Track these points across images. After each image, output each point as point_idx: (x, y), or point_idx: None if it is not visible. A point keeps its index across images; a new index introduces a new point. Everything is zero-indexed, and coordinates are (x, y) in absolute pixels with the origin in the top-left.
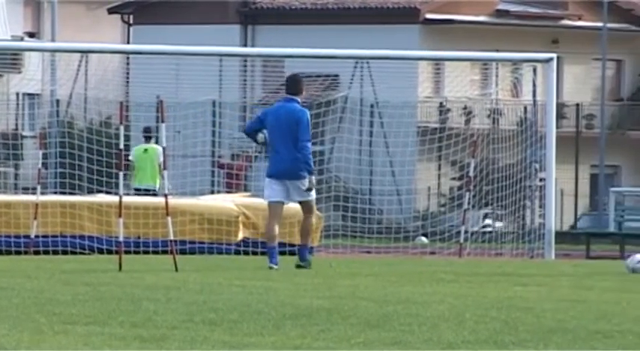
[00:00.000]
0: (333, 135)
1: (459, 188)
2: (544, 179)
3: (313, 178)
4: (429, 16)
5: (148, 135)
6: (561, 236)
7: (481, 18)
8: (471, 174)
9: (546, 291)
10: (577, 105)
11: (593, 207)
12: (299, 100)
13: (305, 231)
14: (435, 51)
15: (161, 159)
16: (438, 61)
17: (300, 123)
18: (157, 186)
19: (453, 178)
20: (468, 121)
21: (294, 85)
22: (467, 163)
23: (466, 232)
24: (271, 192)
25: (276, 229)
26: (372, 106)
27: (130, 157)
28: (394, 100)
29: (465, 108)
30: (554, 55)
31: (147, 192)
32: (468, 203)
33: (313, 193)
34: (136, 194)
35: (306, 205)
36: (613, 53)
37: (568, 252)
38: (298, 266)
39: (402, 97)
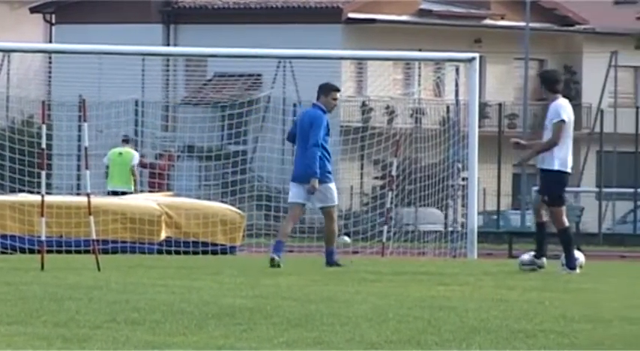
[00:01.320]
0: (255, 134)
1: (382, 187)
2: (466, 178)
3: (315, 181)
4: (351, 15)
5: (127, 138)
6: (484, 235)
7: (404, 17)
8: (394, 173)
9: (469, 290)
10: (499, 104)
11: (516, 206)
12: (321, 105)
13: (326, 237)
14: (358, 50)
15: (134, 162)
16: (360, 61)
17: (311, 126)
18: (131, 188)
19: (376, 178)
20: (390, 121)
21: (318, 90)
22: (389, 163)
23: (389, 231)
24: (291, 194)
25: (289, 228)
26: (294, 105)
27: (105, 160)
28: None
29: (388, 107)
30: (477, 55)
31: (123, 193)
32: (391, 202)
33: (334, 199)
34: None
35: (322, 211)
36: (535, 53)
37: (491, 251)
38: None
39: None
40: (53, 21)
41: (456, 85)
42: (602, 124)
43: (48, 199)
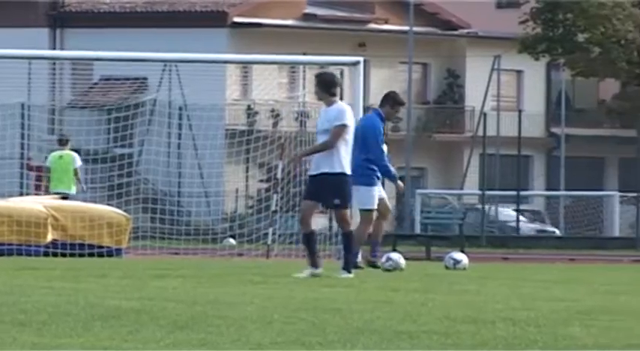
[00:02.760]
0: (141, 137)
1: (267, 190)
2: None
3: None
4: (237, 19)
5: (65, 138)
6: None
7: (289, 21)
8: (279, 176)
9: (354, 292)
10: None
11: (400, 209)
12: (382, 113)
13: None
14: (243, 54)
15: (77, 165)
16: (245, 65)
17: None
18: (73, 191)
19: (261, 181)
20: (275, 124)
21: (386, 99)
22: (275, 166)
23: (274, 233)
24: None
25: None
26: (180, 108)
27: (47, 163)
28: (202, 103)
29: (273, 111)
30: (361, 59)
31: (64, 197)
32: (276, 205)
33: (352, 203)
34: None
35: (360, 212)
36: (419, 57)
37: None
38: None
39: (210, 100)
40: None
41: (341, 88)
42: (485, 128)
43: None
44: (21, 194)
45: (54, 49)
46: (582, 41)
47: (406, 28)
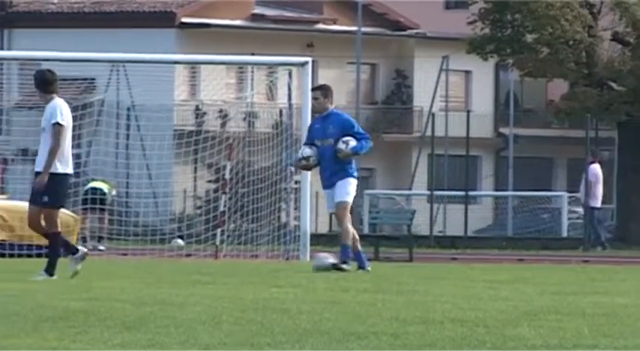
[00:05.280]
0: (89, 138)
1: (215, 191)
2: (299, 182)
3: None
4: (185, 20)
5: None
6: (316, 238)
7: (237, 22)
8: (227, 177)
9: (302, 292)
10: None
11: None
12: None
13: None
14: (191, 54)
15: None
16: (194, 65)
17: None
18: None
19: (209, 181)
20: (223, 124)
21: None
22: (223, 166)
23: (222, 234)
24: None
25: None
26: (128, 109)
27: None
28: (150, 104)
29: (221, 111)
30: (310, 59)
31: None
32: (224, 205)
33: (346, 199)
34: None
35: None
36: (367, 57)
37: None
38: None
39: (158, 101)
40: None
41: (289, 89)
42: (434, 128)
43: None
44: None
45: (1, 49)
46: (531, 42)
47: (354, 28)
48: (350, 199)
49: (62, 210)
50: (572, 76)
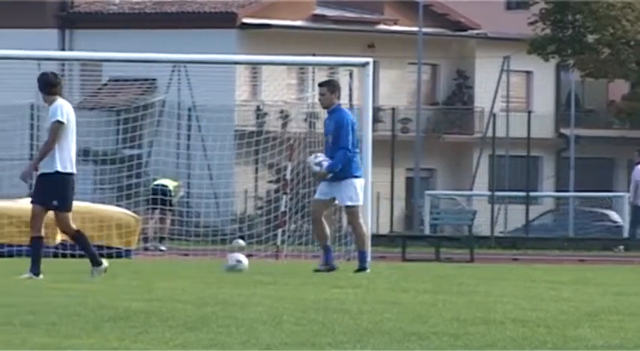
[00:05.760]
0: (150, 139)
1: (276, 191)
2: None
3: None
4: (246, 20)
5: None
6: (377, 239)
7: (298, 22)
8: (288, 177)
9: (363, 293)
10: (393, 109)
11: (409, 210)
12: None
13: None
14: (252, 55)
15: None
16: (255, 66)
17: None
18: None
19: (270, 182)
20: (284, 125)
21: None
22: (284, 167)
23: (283, 234)
24: None
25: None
26: (189, 109)
27: None
28: (212, 104)
29: (282, 112)
30: (370, 60)
31: None
32: (285, 206)
33: (350, 203)
34: None
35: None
36: (428, 58)
37: (384, 254)
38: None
39: (219, 101)
40: None
41: (350, 89)
42: (495, 128)
43: None
44: (30, 195)
45: (63, 50)
46: (592, 42)
47: (416, 28)
48: (356, 202)
49: (123, 210)
50: (633, 76)
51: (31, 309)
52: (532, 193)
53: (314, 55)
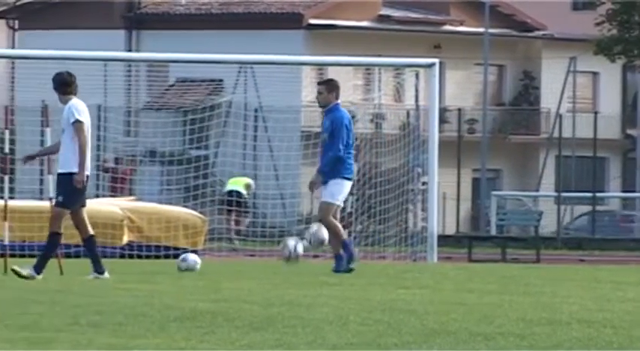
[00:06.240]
0: (217, 139)
1: None
2: (426, 183)
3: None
4: (312, 21)
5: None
6: (443, 239)
7: (364, 23)
8: (355, 178)
9: (429, 294)
10: (459, 110)
11: (475, 211)
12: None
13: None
14: (319, 56)
15: None
16: (321, 66)
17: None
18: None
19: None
20: None
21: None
22: None
23: (349, 235)
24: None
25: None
26: (256, 110)
27: None
28: (278, 105)
29: (349, 112)
30: (437, 60)
31: None
32: (351, 207)
33: (329, 200)
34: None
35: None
36: (495, 58)
37: (450, 255)
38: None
39: (285, 102)
40: (16, 27)
41: (416, 90)
42: (561, 129)
43: (11, 203)
44: (97, 196)
45: (130, 50)
46: None
47: (482, 29)
48: (334, 201)
49: (189, 211)
50: None
51: (98, 309)
52: (598, 194)
53: (380, 55)
